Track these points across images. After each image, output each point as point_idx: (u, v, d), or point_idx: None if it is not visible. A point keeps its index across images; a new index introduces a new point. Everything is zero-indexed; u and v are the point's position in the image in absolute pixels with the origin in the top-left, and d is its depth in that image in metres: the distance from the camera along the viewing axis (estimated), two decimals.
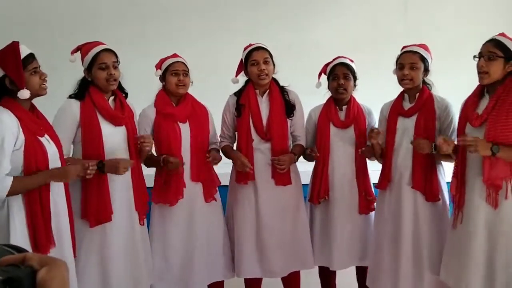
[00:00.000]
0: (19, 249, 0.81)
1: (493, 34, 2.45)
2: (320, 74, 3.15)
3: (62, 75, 3.02)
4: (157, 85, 2.98)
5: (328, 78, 3.11)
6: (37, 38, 2.51)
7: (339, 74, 3.03)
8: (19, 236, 2.15)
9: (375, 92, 3.18)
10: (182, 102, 2.95)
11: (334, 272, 3.24)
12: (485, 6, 4.68)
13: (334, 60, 3.10)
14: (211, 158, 2.89)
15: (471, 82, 2.56)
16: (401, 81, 2.83)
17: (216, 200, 3.01)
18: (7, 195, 2.11)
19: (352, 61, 3.10)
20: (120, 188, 2.64)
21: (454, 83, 2.89)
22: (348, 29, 4.59)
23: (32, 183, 2.16)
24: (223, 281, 3.11)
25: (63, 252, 2.30)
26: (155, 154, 2.94)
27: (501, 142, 2.31)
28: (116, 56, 2.67)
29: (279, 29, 4.37)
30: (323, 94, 3.16)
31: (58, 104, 2.59)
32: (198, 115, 2.97)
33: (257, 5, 4.60)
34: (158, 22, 4.50)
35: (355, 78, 3.07)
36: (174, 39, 4.37)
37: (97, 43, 2.67)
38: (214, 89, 3.19)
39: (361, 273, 3.22)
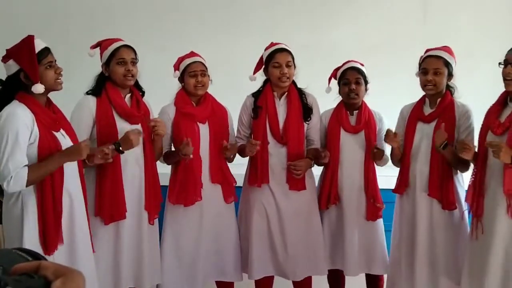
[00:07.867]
0: (33, 254, 0.77)
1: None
2: (330, 79, 3.09)
3: (76, 69, 3.04)
4: (172, 80, 2.96)
5: (338, 83, 3.04)
6: (51, 33, 2.54)
7: (351, 79, 2.96)
8: (32, 231, 2.16)
9: (392, 96, 3.11)
10: (203, 102, 2.91)
11: (343, 277, 3.20)
12: (504, 9, 4.58)
13: (344, 64, 3.03)
14: (229, 146, 2.80)
15: (490, 85, 2.49)
16: (424, 86, 2.77)
17: (236, 201, 2.99)
18: (27, 185, 2.11)
19: (362, 64, 3.02)
20: (131, 186, 2.65)
21: (473, 87, 2.82)
22: (365, 31, 4.52)
23: (48, 167, 2.14)
24: (233, 282, 3.07)
25: (76, 247, 2.30)
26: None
27: None
28: (135, 53, 2.68)
29: (295, 28, 4.31)
30: (333, 99, 3.09)
31: (71, 100, 2.58)
32: (218, 116, 2.93)
33: (273, 3, 4.56)
34: (172, 17, 4.50)
35: (366, 82, 3.00)
36: (187, 36, 4.34)
37: (117, 39, 2.69)
38: (227, 86, 3.15)
39: (371, 281, 3.17)
